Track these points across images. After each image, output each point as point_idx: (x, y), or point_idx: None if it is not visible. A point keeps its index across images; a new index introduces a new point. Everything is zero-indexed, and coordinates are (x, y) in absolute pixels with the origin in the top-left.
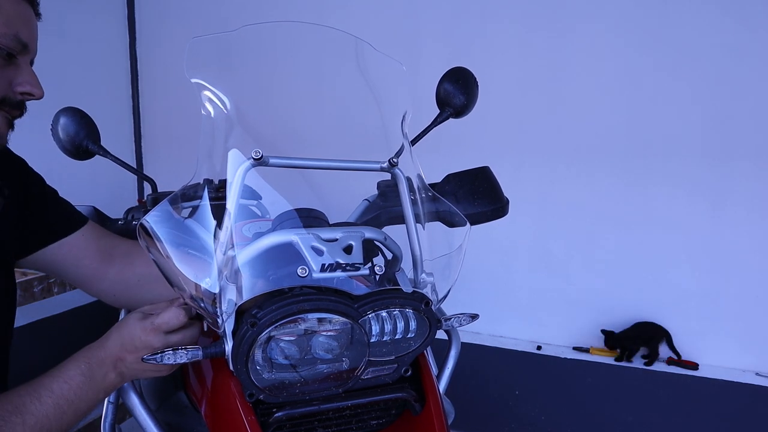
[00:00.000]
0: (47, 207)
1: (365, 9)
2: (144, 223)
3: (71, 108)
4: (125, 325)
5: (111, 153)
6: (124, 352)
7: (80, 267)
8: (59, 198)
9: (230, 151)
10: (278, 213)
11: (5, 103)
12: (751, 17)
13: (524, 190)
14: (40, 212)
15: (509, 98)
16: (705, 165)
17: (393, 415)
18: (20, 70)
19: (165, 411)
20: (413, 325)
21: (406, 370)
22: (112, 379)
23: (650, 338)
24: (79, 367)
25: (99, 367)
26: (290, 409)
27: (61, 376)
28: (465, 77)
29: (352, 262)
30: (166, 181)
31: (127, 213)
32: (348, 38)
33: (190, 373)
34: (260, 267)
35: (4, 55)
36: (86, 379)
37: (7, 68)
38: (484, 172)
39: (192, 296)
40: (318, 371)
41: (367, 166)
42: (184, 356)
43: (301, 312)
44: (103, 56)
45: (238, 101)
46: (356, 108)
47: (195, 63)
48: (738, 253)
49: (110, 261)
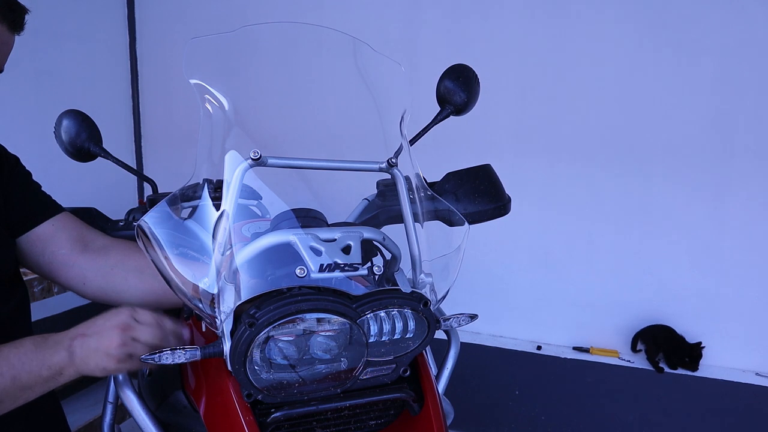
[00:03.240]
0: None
1: (364, 9)
2: (142, 224)
3: (73, 111)
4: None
5: (112, 155)
6: (86, 329)
7: (46, 255)
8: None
9: (228, 152)
10: (277, 213)
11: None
12: (751, 17)
13: (524, 190)
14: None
15: (509, 97)
16: (705, 164)
17: (391, 416)
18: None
19: (163, 411)
20: (412, 326)
21: (405, 370)
22: (60, 357)
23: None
24: (35, 337)
25: (54, 342)
26: (288, 409)
27: (12, 342)
28: (466, 74)
29: (351, 262)
30: (167, 182)
31: (128, 214)
32: (347, 39)
33: (188, 373)
34: (258, 267)
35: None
36: (35, 347)
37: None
38: (485, 170)
39: (190, 296)
40: (316, 371)
41: (366, 167)
42: (182, 356)
43: (300, 312)
44: (103, 56)
45: (237, 102)
46: (355, 108)
47: (194, 63)
48: (738, 253)
49: (83, 251)
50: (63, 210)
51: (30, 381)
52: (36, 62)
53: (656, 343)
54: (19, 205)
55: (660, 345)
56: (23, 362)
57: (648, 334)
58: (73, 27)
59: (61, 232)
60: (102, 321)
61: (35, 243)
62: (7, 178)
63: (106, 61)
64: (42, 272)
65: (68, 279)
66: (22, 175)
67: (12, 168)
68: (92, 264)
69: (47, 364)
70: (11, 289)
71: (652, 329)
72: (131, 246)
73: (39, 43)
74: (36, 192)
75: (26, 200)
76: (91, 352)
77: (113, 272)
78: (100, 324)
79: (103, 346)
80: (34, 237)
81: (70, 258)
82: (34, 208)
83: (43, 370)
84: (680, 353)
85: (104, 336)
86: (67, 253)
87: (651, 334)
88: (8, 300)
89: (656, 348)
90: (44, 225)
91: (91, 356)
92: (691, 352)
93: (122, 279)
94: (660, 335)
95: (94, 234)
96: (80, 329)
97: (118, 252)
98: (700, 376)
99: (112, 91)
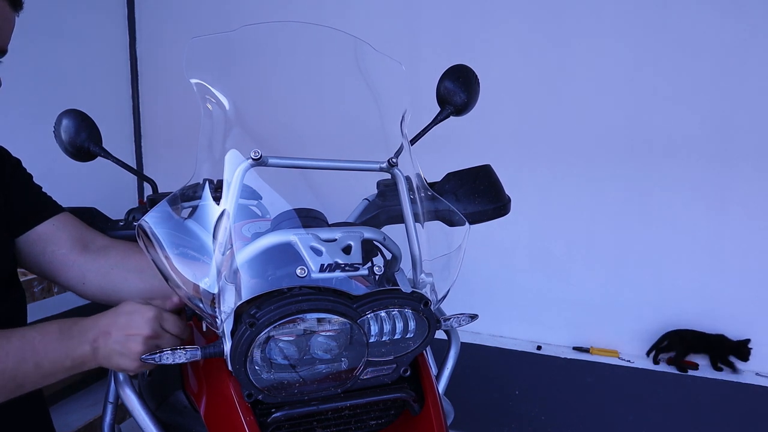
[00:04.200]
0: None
1: (365, 9)
2: (142, 223)
3: (73, 110)
4: (126, 305)
5: (112, 154)
6: (112, 328)
7: (46, 254)
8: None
9: (228, 151)
10: (277, 213)
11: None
12: (752, 17)
13: (524, 190)
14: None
15: (509, 97)
16: (705, 165)
17: (392, 416)
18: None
19: (164, 411)
20: (412, 326)
21: (405, 370)
22: (84, 351)
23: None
24: (59, 324)
25: (79, 333)
26: (289, 409)
27: (38, 327)
28: (466, 75)
29: (351, 262)
30: (167, 182)
31: (128, 214)
32: (347, 38)
33: (189, 373)
34: (259, 267)
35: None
36: (60, 336)
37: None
38: (486, 171)
39: (190, 296)
40: (317, 371)
41: (367, 166)
42: (183, 356)
43: (300, 312)
44: (103, 56)
45: (238, 101)
46: (356, 108)
47: (194, 63)
48: (738, 253)
49: (82, 251)
50: (63, 210)
51: (52, 369)
52: (36, 62)
53: (685, 344)
54: (19, 205)
55: (691, 346)
56: (47, 351)
57: (674, 336)
58: (73, 27)
59: (61, 232)
60: (128, 321)
61: (35, 242)
62: (8, 179)
63: (106, 61)
64: (42, 272)
65: (68, 279)
66: (23, 176)
67: (14, 169)
68: (92, 264)
69: (71, 356)
70: (7, 290)
71: (678, 332)
72: (131, 246)
73: (39, 43)
74: (37, 193)
75: (27, 200)
76: (115, 353)
77: (113, 272)
78: (127, 325)
79: (127, 350)
80: (35, 236)
81: (69, 258)
82: (34, 208)
83: (67, 361)
84: (722, 351)
85: (131, 341)
86: (66, 252)
87: (678, 336)
88: (4, 301)
89: (685, 350)
90: (44, 224)
91: (113, 356)
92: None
93: (122, 279)
94: (688, 336)
95: (94, 234)
96: (105, 325)
97: (118, 252)
98: (699, 376)
99: (112, 91)
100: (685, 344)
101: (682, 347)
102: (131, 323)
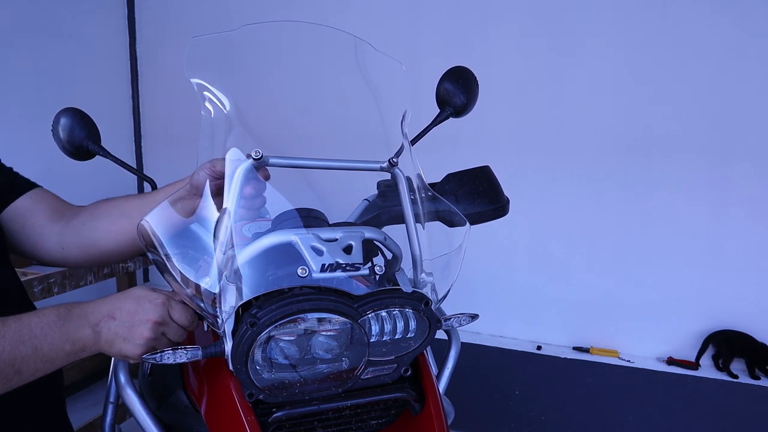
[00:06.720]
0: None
1: (365, 9)
2: (143, 223)
3: (71, 108)
4: (135, 289)
5: (111, 153)
6: (117, 312)
7: (27, 228)
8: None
9: (229, 150)
10: (278, 213)
11: None
12: (751, 17)
13: (524, 190)
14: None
15: (509, 98)
16: (705, 165)
17: (392, 415)
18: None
19: (165, 411)
20: (413, 325)
21: (406, 370)
22: (84, 334)
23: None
24: (58, 308)
25: (79, 317)
26: (290, 409)
27: (37, 311)
28: (465, 76)
29: (352, 262)
30: (166, 181)
31: None
32: (348, 38)
33: (189, 372)
34: (260, 267)
35: None
36: (59, 320)
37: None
38: (485, 172)
39: (192, 296)
40: (318, 371)
41: (367, 166)
42: (184, 356)
43: (301, 312)
44: (103, 56)
45: (238, 101)
46: (356, 108)
47: (195, 63)
48: (738, 253)
49: (59, 219)
50: (36, 186)
51: (51, 354)
52: (36, 62)
53: (731, 348)
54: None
55: (736, 351)
56: (46, 333)
57: (720, 338)
58: (73, 27)
59: (38, 204)
60: (135, 307)
61: (15, 218)
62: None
63: (106, 61)
64: (25, 249)
65: (48, 250)
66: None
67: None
68: (66, 228)
69: (71, 338)
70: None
71: (725, 333)
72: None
73: (39, 42)
74: (10, 173)
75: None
76: (118, 338)
77: (85, 227)
78: (133, 311)
79: (132, 336)
80: (14, 211)
81: (47, 228)
82: (9, 186)
83: (66, 345)
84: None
85: (136, 326)
86: (44, 223)
87: (724, 338)
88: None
89: (731, 354)
90: (22, 198)
91: (116, 341)
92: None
93: (93, 229)
94: (736, 341)
95: (69, 204)
96: (107, 308)
97: (89, 209)
98: (699, 376)
99: (112, 90)
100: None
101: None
102: (139, 308)
